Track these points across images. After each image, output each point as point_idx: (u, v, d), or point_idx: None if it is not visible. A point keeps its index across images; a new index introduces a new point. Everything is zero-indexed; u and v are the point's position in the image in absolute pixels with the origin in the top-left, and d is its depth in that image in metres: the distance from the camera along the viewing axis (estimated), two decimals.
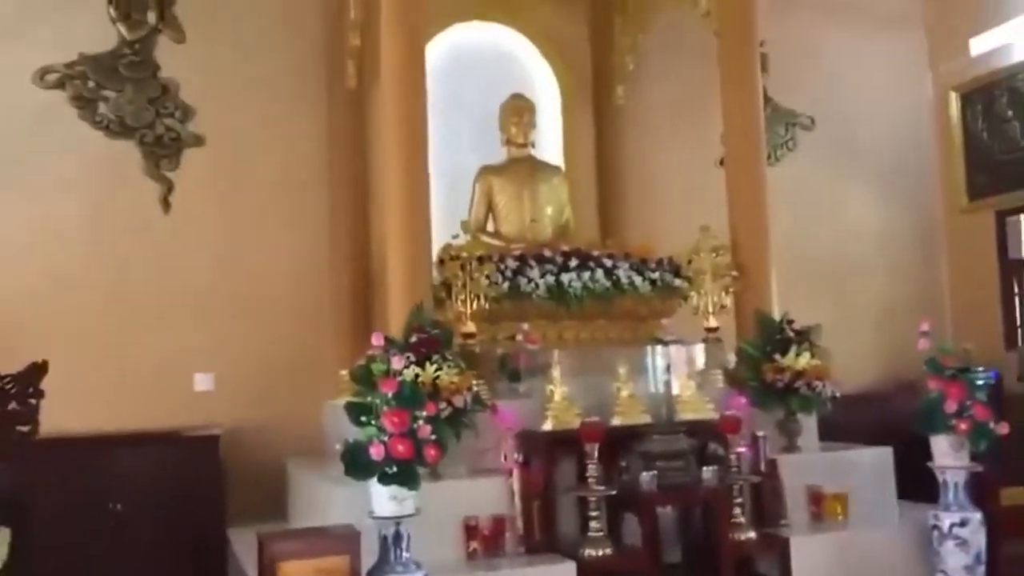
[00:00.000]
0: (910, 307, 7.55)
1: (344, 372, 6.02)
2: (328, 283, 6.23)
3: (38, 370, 3.95)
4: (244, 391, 6.00)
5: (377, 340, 3.94)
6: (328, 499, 4.61)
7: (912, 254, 7.94)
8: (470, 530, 4.23)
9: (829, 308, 5.96)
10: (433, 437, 3.67)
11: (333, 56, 6.37)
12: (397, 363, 3.82)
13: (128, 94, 6.05)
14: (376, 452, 3.52)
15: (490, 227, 6.12)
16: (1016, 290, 7.49)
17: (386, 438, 3.56)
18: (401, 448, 3.55)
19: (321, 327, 6.17)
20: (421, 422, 3.65)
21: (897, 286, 7.77)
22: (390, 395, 3.66)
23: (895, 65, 8.11)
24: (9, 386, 3.89)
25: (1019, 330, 7.44)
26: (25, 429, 3.86)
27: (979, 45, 7.65)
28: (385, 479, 3.56)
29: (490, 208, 6.13)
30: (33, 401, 3.91)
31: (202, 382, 6.00)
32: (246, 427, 5.85)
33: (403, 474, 3.56)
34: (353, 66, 6.24)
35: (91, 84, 5.98)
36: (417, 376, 4.18)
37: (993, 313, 7.49)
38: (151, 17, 6.10)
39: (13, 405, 3.86)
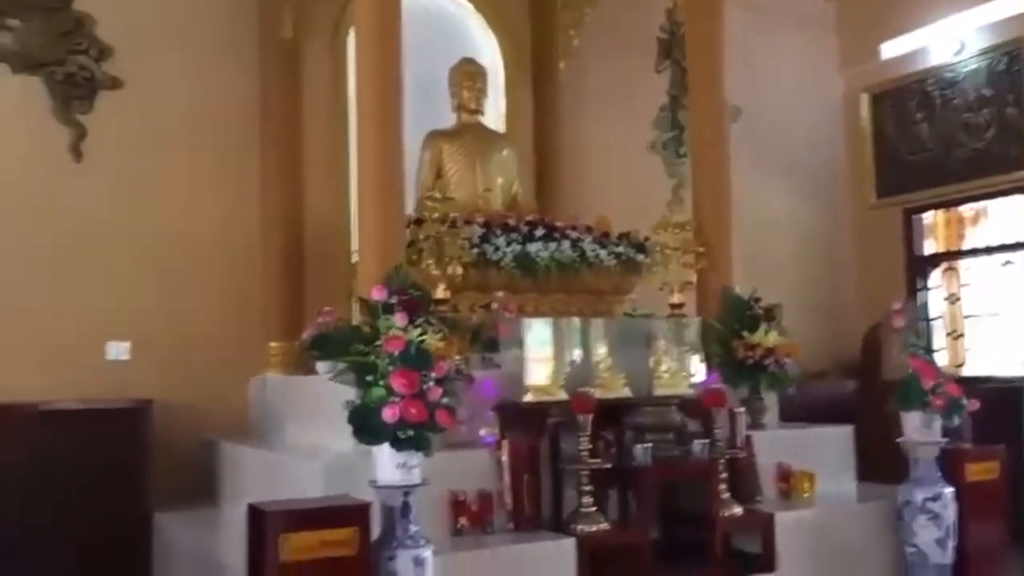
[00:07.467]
0: (818, 299, 7.79)
1: (274, 344, 5.63)
2: (258, 247, 5.75)
3: None
4: (162, 362, 5.44)
5: (379, 293, 3.58)
6: (282, 476, 4.22)
7: (822, 248, 8.16)
8: (457, 505, 3.92)
9: None
10: (445, 400, 3.38)
11: (266, 2, 5.90)
12: (401, 320, 3.49)
13: (36, 25, 5.38)
14: (390, 414, 3.19)
15: (437, 194, 5.78)
16: (920, 285, 7.81)
17: (397, 400, 3.24)
18: (414, 411, 3.24)
19: (249, 294, 5.69)
20: (432, 383, 3.35)
21: (807, 278, 7.92)
22: (396, 354, 3.35)
23: (808, 65, 8.33)
24: None
25: (923, 324, 7.73)
26: None
27: (890, 49, 7.96)
28: (398, 444, 3.23)
29: (439, 175, 5.81)
30: None
31: (116, 351, 5.40)
32: (163, 401, 5.25)
33: (417, 439, 3.25)
34: (290, 15, 5.80)
35: None
36: None
37: None
38: None
39: None
